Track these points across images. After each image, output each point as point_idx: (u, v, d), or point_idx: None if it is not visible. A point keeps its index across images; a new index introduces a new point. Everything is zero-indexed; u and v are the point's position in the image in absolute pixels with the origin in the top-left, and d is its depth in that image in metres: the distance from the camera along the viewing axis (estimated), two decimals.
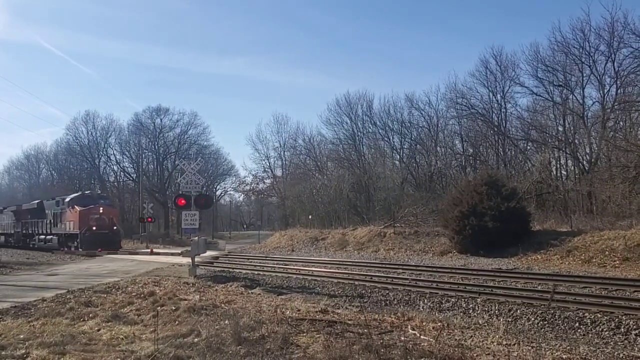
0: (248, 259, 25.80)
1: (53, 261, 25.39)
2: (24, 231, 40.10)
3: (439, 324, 8.28)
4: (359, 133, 47.50)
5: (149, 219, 39.62)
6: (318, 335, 7.13)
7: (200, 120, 65.04)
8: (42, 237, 36.62)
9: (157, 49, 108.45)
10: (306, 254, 28.73)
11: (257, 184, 62.91)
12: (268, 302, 10.65)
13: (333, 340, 6.79)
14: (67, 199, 33.54)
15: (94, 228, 30.86)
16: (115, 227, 32.72)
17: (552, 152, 33.82)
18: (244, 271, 18.87)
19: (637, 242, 18.24)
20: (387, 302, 12.04)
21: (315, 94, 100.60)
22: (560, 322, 9.33)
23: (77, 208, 31.87)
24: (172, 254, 27.16)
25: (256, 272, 18.37)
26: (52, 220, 35.16)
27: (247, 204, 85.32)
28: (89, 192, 38.61)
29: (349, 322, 8.24)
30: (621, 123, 31.02)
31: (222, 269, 20.04)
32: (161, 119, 64.04)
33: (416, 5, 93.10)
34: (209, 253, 24.37)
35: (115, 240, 32.04)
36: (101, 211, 31.90)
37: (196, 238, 16.68)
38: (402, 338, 7.03)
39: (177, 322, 8.30)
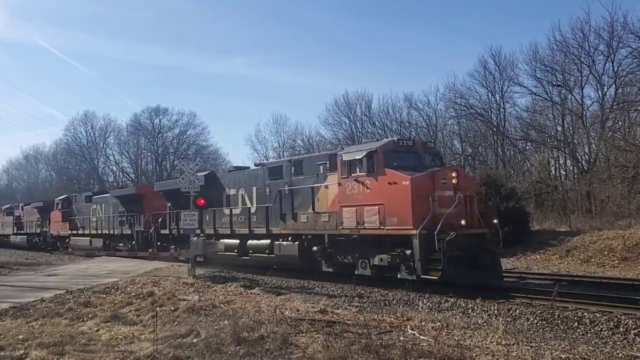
0: None
1: (52, 262, 25.35)
2: (162, 231, 21.83)
3: (438, 324, 8.28)
4: (358, 133, 47.39)
5: None
6: (317, 336, 7.14)
7: (199, 121, 65.15)
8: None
9: (155, 48, 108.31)
10: None
11: None
12: (267, 302, 10.65)
13: (332, 340, 6.80)
14: (345, 155, 13.78)
15: (463, 222, 12.26)
16: (495, 221, 13.50)
17: (551, 152, 33.80)
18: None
19: (635, 242, 18.26)
20: (386, 302, 12.02)
21: (315, 94, 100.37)
22: (559, 321, 9.33)
23: (404, 176, 12.47)
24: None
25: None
26: (278, 208, 15.95)
27: None
28: (399, 137, 14.99)
29: (348, 322, 8.25)
30: (620, 123, 31.02)
31: (221, 269, 19.98)
32: (160, 119, 64.16)
33: (415, 5, 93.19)
34: None
35: (497, 261, 13.13)
36: (455, 181, 12.70)
37: (195, 238, 16.63)
38: (402, 338, 7.04)
39: (176, 322, 8.31)
